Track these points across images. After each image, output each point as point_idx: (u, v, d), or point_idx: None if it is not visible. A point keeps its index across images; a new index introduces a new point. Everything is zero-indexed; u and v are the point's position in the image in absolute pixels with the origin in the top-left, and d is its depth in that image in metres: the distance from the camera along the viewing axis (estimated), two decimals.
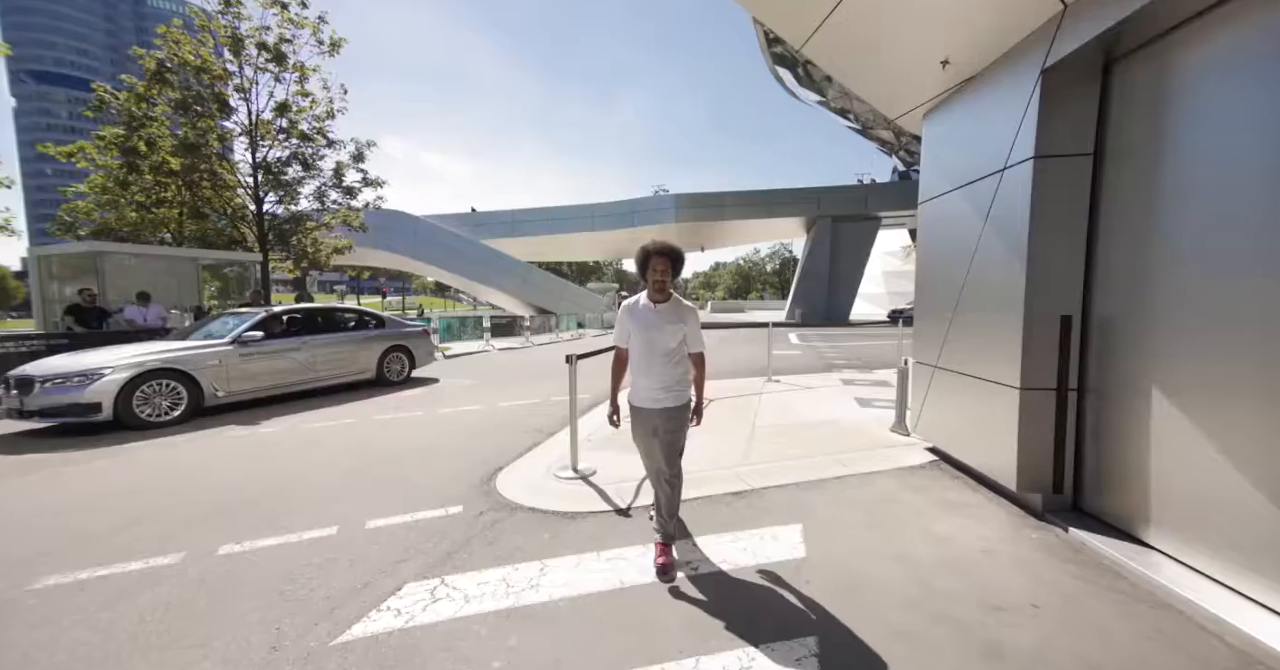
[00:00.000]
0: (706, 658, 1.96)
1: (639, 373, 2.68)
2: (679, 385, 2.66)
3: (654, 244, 2.57)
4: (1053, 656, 1.96)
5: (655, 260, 2.55)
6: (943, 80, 3.72)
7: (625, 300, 2.78)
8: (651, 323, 2.61)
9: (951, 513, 3.31)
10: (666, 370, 2.62)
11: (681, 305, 2.67)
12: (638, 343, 2.65)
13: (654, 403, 2.63)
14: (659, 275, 2.55)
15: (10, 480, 4.14)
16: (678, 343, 2.63)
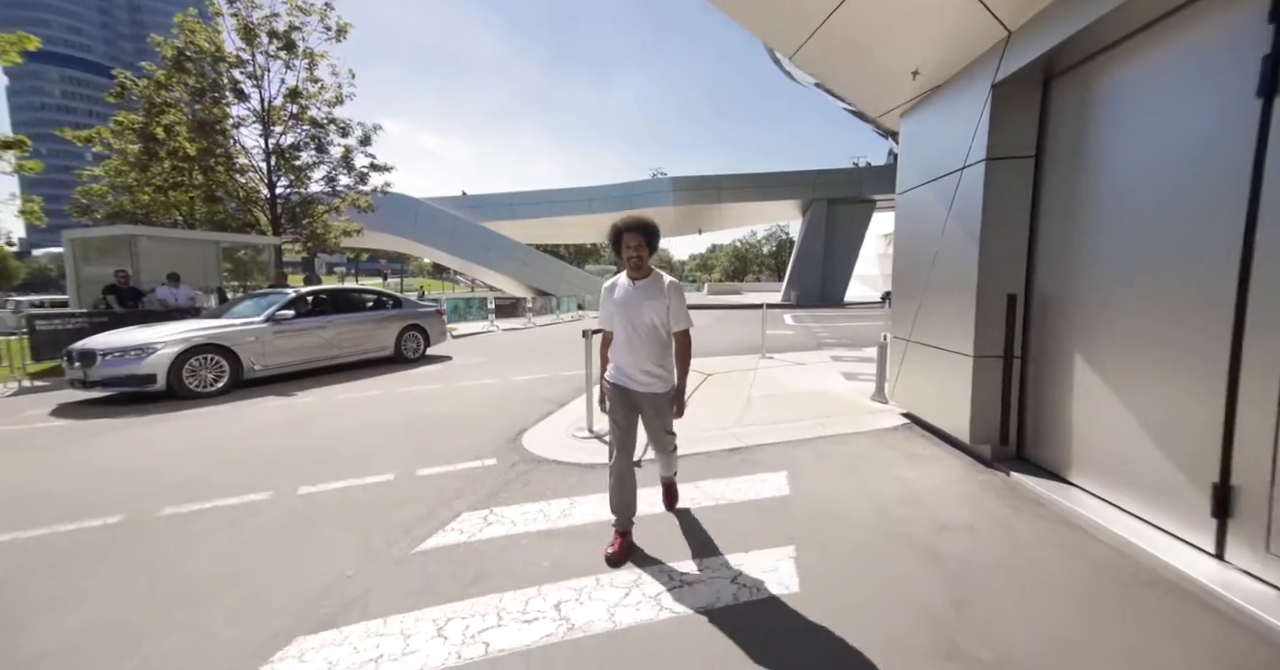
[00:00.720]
0: (712, 559, 2.55)
1: (622, 353, 2.56)
2: (663, 369, 2.56)
3: (624, 220, 2.47)
4: (977, 559, 2.55)
5: (627, 236, 2.45)
6: (914, 88, 4.20)
7: (610, 280, 2.66)
8: (631, 300, 2.51)
9: (915, 463, 3.90)
10: (650, 350, 2.51)
11: (661, 279, 2.54)
12: (620, 322, 2.54)
13: (638, 386, 2.55)
14: (633, 251, 2.46)
15: (94, 439, 4.70)
16: (660, 319, 2.50)
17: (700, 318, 19.24)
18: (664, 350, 2.57)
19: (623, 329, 2.55)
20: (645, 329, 2.50)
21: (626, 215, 2.50)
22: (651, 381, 2.54)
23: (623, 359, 2.57)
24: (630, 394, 2.57)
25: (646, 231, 2.47)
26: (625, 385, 2.57)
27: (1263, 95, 2.15)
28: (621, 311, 2.53)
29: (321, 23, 13.54)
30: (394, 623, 2.07)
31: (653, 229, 2.49)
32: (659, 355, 2.54)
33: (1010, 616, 2.08)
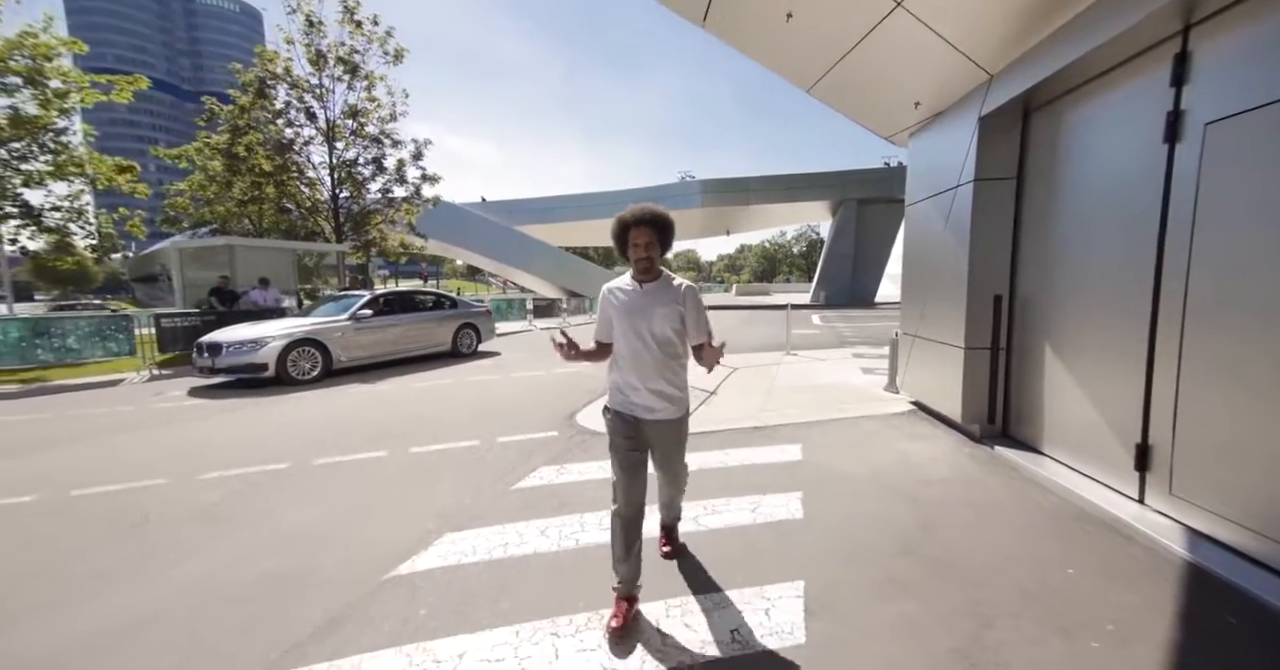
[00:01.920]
0: (736, 498, 3.31)
1: (626, 371, 2.09)
2: (677, 389, 2.12)
3: (632, 212, 2.03)
4: (946, 500, 3.23)
5: (635, 232, 2.01)
6: (917, 115, 4.85)
7: (611, 283, 2.20)
8: (637, 306, 2.06)
9: (913, 440, 4.56)
10: (662, 367, 2.06)
11: (675, 283, 2.13)
12: (622, 333, 2.08)
13: (645, 412, 2.08)
14: (642, 251, 2.02)
15: (234, 413, 5.79)
16: (674, 331, 2.06)
17: (727, 318, 19.87)
18: (678, 366, 2.12)
19: (628, 342, 2.07)
20: (656, 342, 2.04)
21: (635, 207, 2.03)
22: (664, 406, 2.08)
23: (627, 378, 2.09)
24: (637, 425, 2.10)
25: (658, 226, 2.02)
26: (631, 413, 2.10)
27: (1167, 142, 2.78)
28: (627, 320, 2.06)
29: (381, 48, 14.81)
30: (510, 528, 2.92)
31: (666, 223, 2.04)
32: (672, 372, 2.10)
33: (960, 534, 2.77)
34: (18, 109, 10.59)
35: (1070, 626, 1.99)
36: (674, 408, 2.14)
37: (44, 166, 11.48)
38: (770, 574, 2.39)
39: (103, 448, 4.62)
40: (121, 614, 2.19)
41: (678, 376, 2.15)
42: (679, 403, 2.16)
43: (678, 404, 2.15)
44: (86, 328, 8.50)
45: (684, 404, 2.19)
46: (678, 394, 2.14)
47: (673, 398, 2.12)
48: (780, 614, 2.09)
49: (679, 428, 2.19)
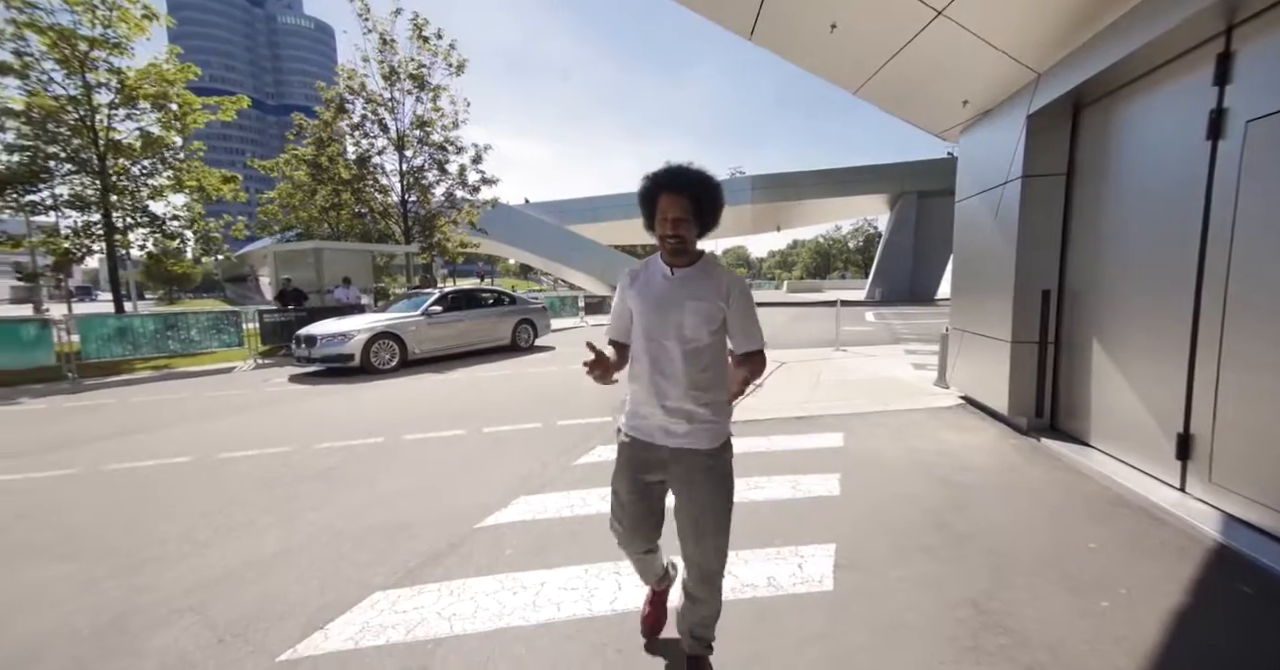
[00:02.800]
0: (777, 477, 3.59)
1: (644, 382, 1.61)
2: (711, 411, 1.59)
3: (668, 172, 1.52)
4: (983, 485, 3.39)
5: (665, 200, 1.51)
6: (966, 113, 4.90)
7: (634, 268, 1.71)
8: (664, 299, 1.58)
9: (957, 431, 4.65)
10: (692, 378, 1.56)
11: (716, 270, 1.60)
12: (642, 331, 1.60)
13: (666, 436, 1.60)
14: (669, 228, 1.52)
15: (330, 397, 6.60)
16: (710, 333, 1.57)
17: (777, 315, 19.78)
18: (713, 380, 1.59)
19: (648, 343, 1.58)
20: (685, 346, 1.55)
21: (672, 165, 1.53)
22: (692, 429, 1.57)
23: (646, 392, 1.59)
24: (654, 453, 1.61)
25: (698, 193, 1.51)
26: (649, 438, 1.61)
27: (1210, 139, 2.83)
28: (651, 315, 1.57)
29: (445, 61, 15.81)
30: (574, 494, 3.35)
31: (709, 190, 1.52)
32: (706, 386, 1.58)
33: (990, 513, 2.95)
34: (147, 131, 12.16)
35: (1082, 588, 2.18)
36: (705, 432, 1.56)
37: (166, 181, 13.14)
38: (805, 538, 2.68)
39: (233, 422, 5.46)
40: (271, 547, 2.77)
41: (711, 394, 1.57)
42: (713, 426, 1.56)
43: (711, 428, 1.56)
44: (205, 322, 9.75)
45: (720, 429, 1.58)
46: (710, 415, 1.56)
47: (704, 420, 1.56)
48: (812, 568, 2.39)
49: (716, 463, 1.57)
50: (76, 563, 2.61)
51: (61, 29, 11.04)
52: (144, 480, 3.79)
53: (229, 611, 2.17)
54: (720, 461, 1.62)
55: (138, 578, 2.45)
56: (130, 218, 12.87)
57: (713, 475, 1.60)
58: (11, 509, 3.30)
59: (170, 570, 2.52)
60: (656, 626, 1.95)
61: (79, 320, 8.51)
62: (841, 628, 1.97)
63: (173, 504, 3.36)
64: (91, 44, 11.31)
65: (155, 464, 4.13)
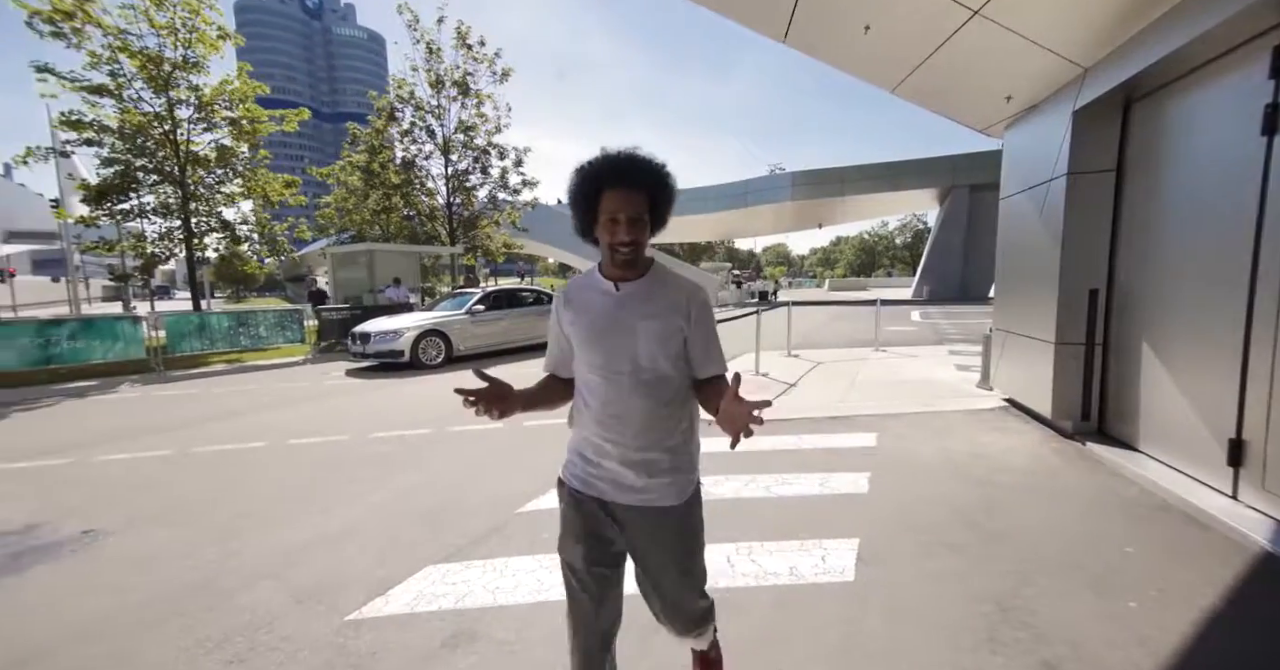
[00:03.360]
0: (806, 474, 3.66)
1: (587, 425, 1.33)
2: (673, 456, 1.29)
3: (610, 164, 1.19)
4: (1018, 486, 3.35)
5: (614, 199, 1.18)
6: (1010, 108, 4.78)
7: (568, 284, 1.44)
8: (610, 321, 1.26)
9: (997, 433, 4.56)
10: (648, 423, 1.26)
11: (671, 281, 1.31)
12: (588, 363, 1.30)
13: (618, 491, 1.28)
14: (623, 234, 1.19)
15: (383, 390, 7.05)
16: (669, 359, 1.27)
17: (817, 314, 19.44)
18: (678, 416, 1.31)
19: (593, 378, 1.29)
20: (641, 375, 1.25)
21: (607, 152, 1.22)
22: (652, 484, 1.28)
23: (593, 438, 1.31)
24: (604, 512, 1.31)
25: (654, 186, 1.22)
26: (597, 493, 1.31)
27: (1265, 134, 2.71)
28: (594, 342, 1.27)
29: (489, 69, 16.37)
30: None
31: (664, 180, 1.23)
32: (669, 427, 1.29)
33: (1023, 514, 2.93)
34: (221, 144, 13.18)
35: (1111, 590, 2.18)
36: (669, 486, 1.27)
37: (236, 188, 14.18)
38: (830, 532, 2.76)
39: (298, 411, 5.94)
40: (336, 524, 3.06)
41: (676, 437, 1.28)
42: (678, 479, 1.28)
43: (676, 481, 1.27)
44: (272, 319, 10.54)
45: (687, 481, 1.30)
46: (673, 460, 1.27)
47: (665, 469, 1.26)
48: (834, 560, 2.47)
49: (683, 522, 1.29)
50: (180, 529, 2.98)
51: (149, 52, 12.11)
52: (227, 462, 4.23)
53: (303, 577, 2.45)
54: (689, 517, 1.32)
55: (228, 544, 2.79)
56: (206, 223, 13.98)
57: (681, 530, 1.31)
58: (125, 484, 3.76)
59: (254, 539, 2.85)
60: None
61: (165, 318, 9.37)
62: (859, 615, 2.06)
63: (252, 483, 3.75)
64: (174, 65, 12.35)
65: (235, 448, 4.58)
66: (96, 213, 13.08)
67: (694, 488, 1.36)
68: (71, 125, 12.07)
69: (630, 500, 1.29)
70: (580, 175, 1.22)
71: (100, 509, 3.27)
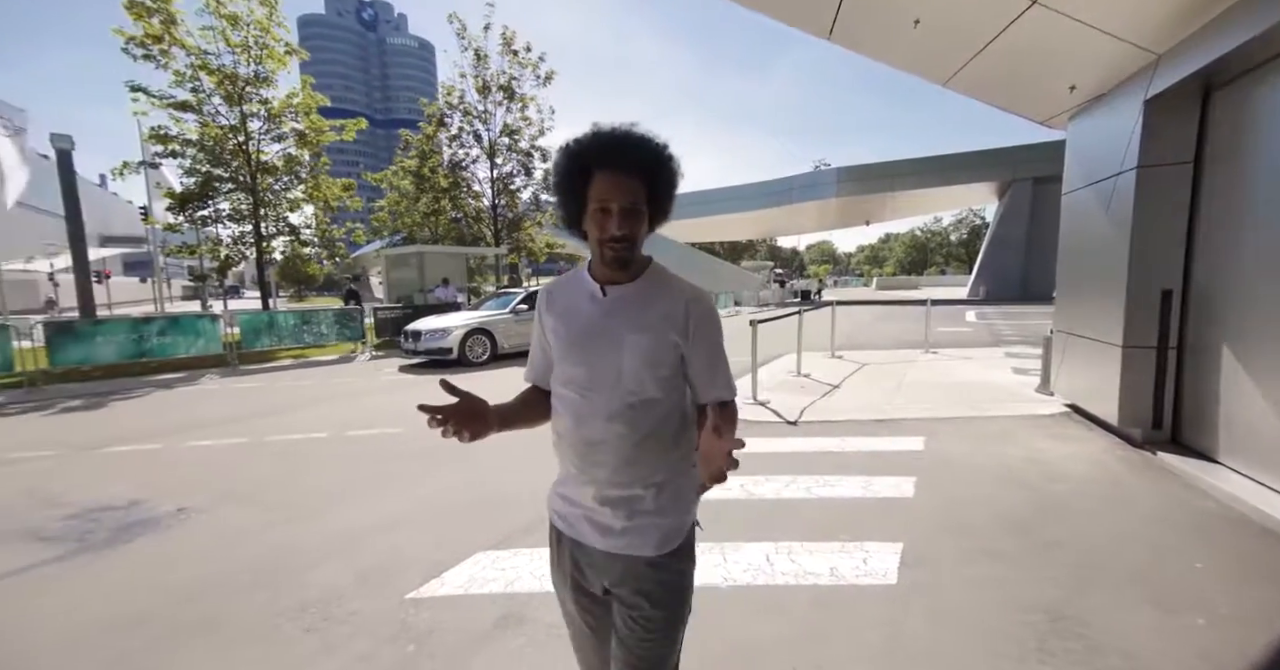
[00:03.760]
0: (849, 477, 3.61)
1: (563, 453, 1.14)
2: (662, 494, 1.07)
3: (600, 142, 1.00)
4: (1076, 494, 3.19)
5: (605, 183, 0.99)
6: (1074, 99, 4.53)
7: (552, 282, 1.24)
8: (592, 331, 1.07)
9: (1057, 440, 4.35)
10: (629, 452, 1.04)
11: (670, 285, 1.10)
12: (562, 379, 1.12)
13: (596, 534, 1.08)
14: (614, 226, 0.99)
15: (433, 386, 7.36)
16: (659, 380, 1.06)
17: (862, 313, 18.90)
18: (667, 448, 1.08)
19: (570, 397, 1.09)
20: (625, 398, 1.04)
21: (602, 132, 1.02)
22: (634, 526, 1.06)
23: (569, 464, 1.13)
24: (586, 556, 1.12)
25: (652, 169, 1.03)
26: (575, 535, 1.13)
27: None
28: (573, 355, 1.09)
29: (533, 73, 16.76)
30: None
31: (665, 162, 1.04)
32: (654, 461, 1.07)
33: (1080, 523, 2.81)
34: (288, 153, 14.08)
35: (1176, 605, 2.07)
36: (652, 529, 1.05)
37: (300, 194, 15.11)
38: (872, 535, 2.73)
39: (356, 405, 6.32)
40: (393, 510, 3.27)
41: (663, 471, 1.07)
42: (664, 522, 1.06)
43: (661, 524, 1.06)
44: (332, 318, 11.20)
45: (676, 525, 1.08)
46: (660, 504, 1.06)
47: (649, 509, 1.06)
48: (876, 562, 2.45)
49: (669, 575, 1.06)
50: (256, 510, 3.27)
51: (225, 69, 13.08)
52: (295, 450, 4.57)
53: (366, 558, 2.64)
54: (675, 572, 1.06)
55: (299, 525, 3.04)
56: (274, 227, 14.98)
57: (664, 590, 1.05)
58: (209, 468, 4.14)
59: (320, 522, 3.08)
60: None
61: (239, 316, 10.12)
62: (901, 617, 2.05)
63: (318, 471, 4.04)
64: (247, 81, 13.30)
65: (301, 437, 4.93)
66: (180, 219, 14.25)
67: (684, 538, 1.09)
68: (159, 139, 13.20)
69: (608, 546, 1.07)
70: (566, 154, 1.04)
71: (189, 489, 3.61)
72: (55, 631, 2.10)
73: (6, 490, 3.67)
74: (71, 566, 2.62)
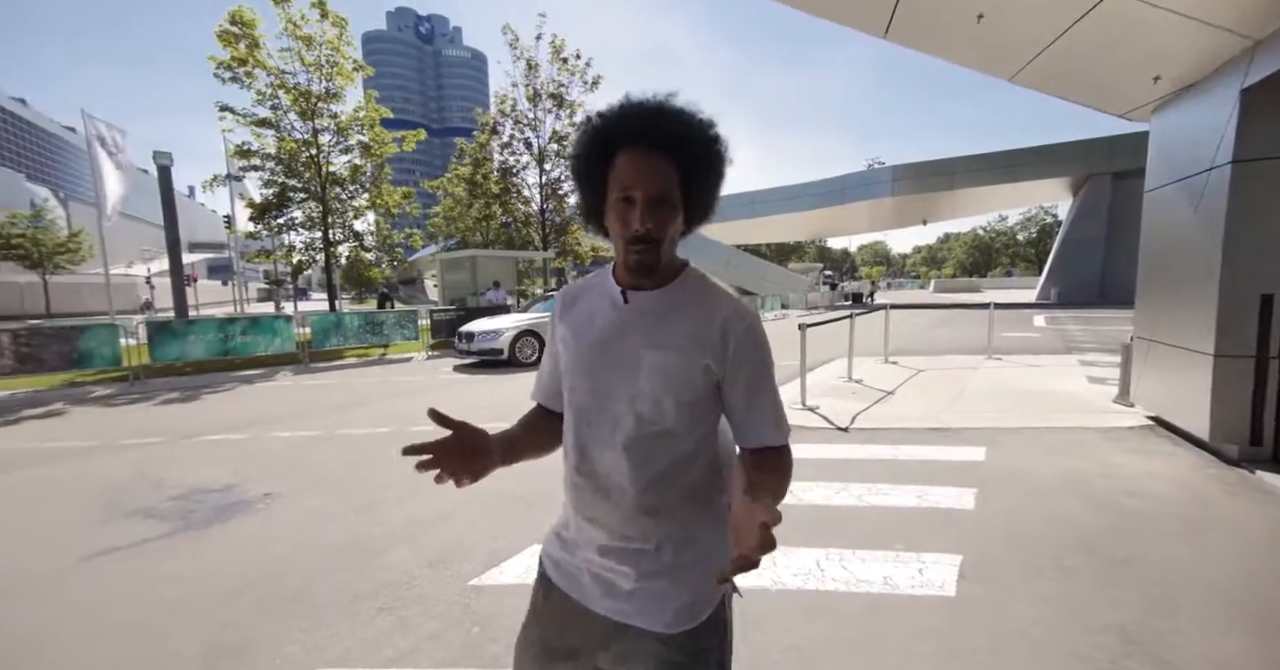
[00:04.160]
0: (903, 486, 3.52)
1: (568, 490, 0.96)
2: (681, 550, 0.86)
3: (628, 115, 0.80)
4: (1158, 513, 2.98)
5: (632, 164, 0.79)
6: (1159, 89, 4.22)
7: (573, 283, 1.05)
8: (608, 344, 0.88)
9: (1136, 454, 4.06)
10: (641, 494, 0.84)
11: (709, 296, 0.88)
12: (570, 400, 0.94)
13: (600, 593, 0.88)
14: (640, 219, 0.79)
15: (487, 385, 7.70)
16: (679, 408, 0.84)
17: (918, 317, 18.14)
18: (680, 490, 0.87)
19: (578, 422, 0.92)
20: (639, 427, 0.85)
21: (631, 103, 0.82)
22: (641, 589, 0.85)
23: (570, 502, 0.96)
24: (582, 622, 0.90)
25: (692, 150, 0.81)
26: (575, 592, 0.92)
27: None
28: (585, 370, 0.90)
29: (581, 79, 17.15)
30: None
31: (708, 143, 0.83)
32: (671, 506, 0.86)
33: (1161, 542, 2.62)
34: (354, 164, 15.00)
35: (1278, 633, 1.91)
36: (664, 597, 0.84)
37: (364, 203, 16.05)
38: (928, 546, 2.66)
39: (416, 401, 6.68)
40: (454, 502, 3.43)
41: (687, 524, 0.87)
42: (681, 590, 0.85)
43: (676, 591, 0.84)
44: (392, 319, 11.85)
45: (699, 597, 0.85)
46: (681, 560, 0.86)
47: (662, 570, 0.85)
48: (933, 574, 2.39)
49: (682, 662, 0.83)
50: (332, 498, 3.54)
51: (300, 87, 14.09)
52: (363, 443, 4.89)
53: (432, 546, 2.82)
54: (695, 656, 0.83)
55: (370, 513, 3.26)
56: (340, 234, 15.99)
57: None
58: (288, 458, 4.50)
59: (389, 511, 3.30)
60: None
61: (311, 317, 10.87)
62: (959, 630, 1.99)
63: (384, 463, 4.31)
64: (318, 97, 14.27)
65: (367, 432, 5.27)
66: (259, 227, 15.44)
67: (713, 610, 0.84)
68: (242, 154, 14.37)
69: (611, 610, 0.84)
70: (588, 131, 0.83)
71: (273, 477, 3.95)
72: (171, 596, 2.37)
73: (123, 472, 4.13)
74: (179, 541, 2.93)
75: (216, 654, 1.97)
